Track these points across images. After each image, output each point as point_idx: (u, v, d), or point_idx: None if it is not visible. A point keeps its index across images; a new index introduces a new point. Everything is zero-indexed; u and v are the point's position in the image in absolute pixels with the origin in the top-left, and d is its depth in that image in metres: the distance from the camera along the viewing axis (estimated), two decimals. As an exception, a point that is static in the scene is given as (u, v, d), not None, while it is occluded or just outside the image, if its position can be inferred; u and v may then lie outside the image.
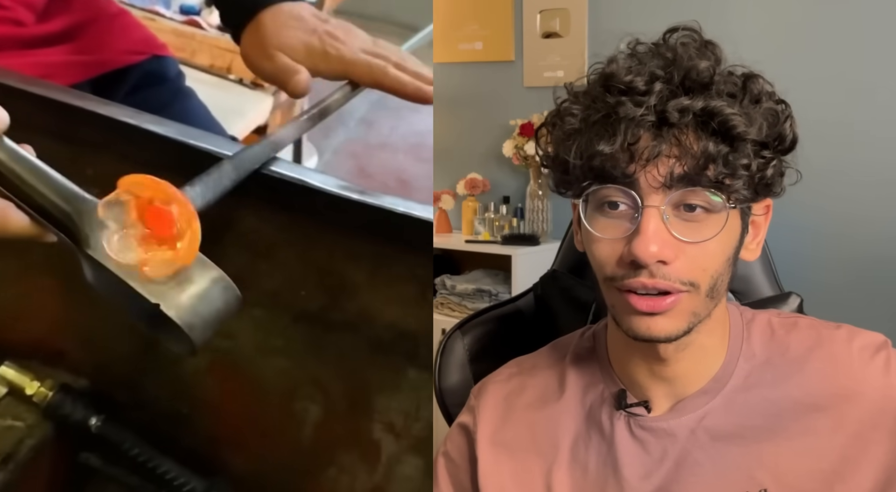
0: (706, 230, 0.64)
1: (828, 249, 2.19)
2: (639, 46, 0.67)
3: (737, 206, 0.64)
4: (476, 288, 2.62)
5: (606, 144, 0.63)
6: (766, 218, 0.71)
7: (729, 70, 0.66)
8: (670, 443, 0.70)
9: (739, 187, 0.63)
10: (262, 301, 0.80)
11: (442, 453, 0.83)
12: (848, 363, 0.70)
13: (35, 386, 0.86)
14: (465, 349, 1.01)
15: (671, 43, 0.66)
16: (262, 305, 0.80)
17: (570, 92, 0.68)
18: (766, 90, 0.66)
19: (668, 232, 0.63)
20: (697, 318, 0.67)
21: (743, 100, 0.64)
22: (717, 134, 0.62)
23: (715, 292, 0.67)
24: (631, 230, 0.64)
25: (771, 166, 0.65)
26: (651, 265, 0.63)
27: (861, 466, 0.68)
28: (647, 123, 0.62)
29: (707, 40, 0.67)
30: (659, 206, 0.63)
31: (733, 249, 0.67)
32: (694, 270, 0.64)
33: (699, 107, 0.62)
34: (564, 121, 0.67)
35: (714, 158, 0.62)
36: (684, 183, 0.62)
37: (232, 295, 0.58)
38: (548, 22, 2.67)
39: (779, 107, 0.66)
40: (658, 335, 0.66)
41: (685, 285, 0.64)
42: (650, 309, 0.65)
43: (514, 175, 2.77)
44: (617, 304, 0.67)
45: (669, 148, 0.62)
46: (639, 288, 0.64)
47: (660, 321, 0.65)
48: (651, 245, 0.62)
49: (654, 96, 0.62)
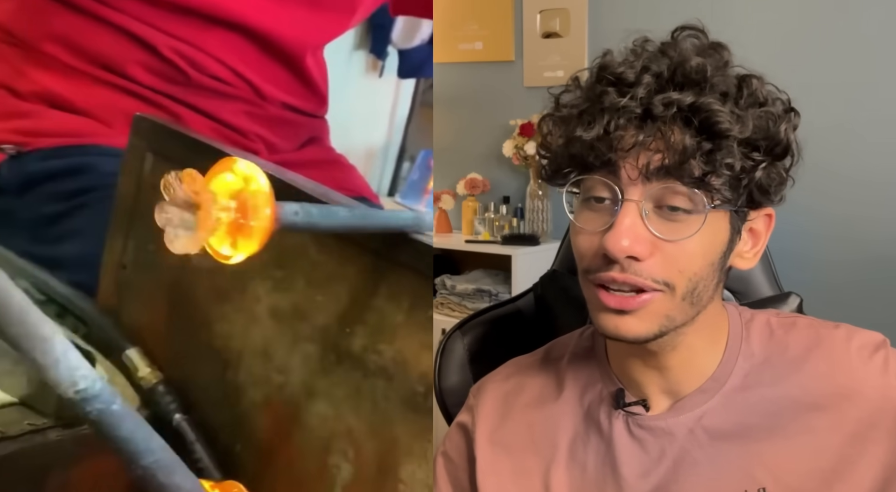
0: (685, 229, 0.63)
1: (827, 249, 2.19)
2: (647, 44, 0.67)
3: (718, 207, 0.64)
4: (476, 288, 2.62)
5: (585, 130, 0.63)
6: (766, 227, 0.70)
7: (727, 71, 0.65)
8: (669, 442, 0.71)
9: (721, 186, 0.63)
10: (315, 336, 0.79)
11: (441, 452, 0.83)
12: (847, 363, 0.70)
13: (147, 371, 0.92)
14: (465, 349, 1.01)
15: (677, 42, 0.66)
16: (314, 341, 0.79)
17: (572, 82, 0.69)
18: (770, 95, 0.66)
19: (645, 228, 0.63)
20: (672, 323, 0.66)
21: (738, 100, 0.63)
22: (700, 130, 0.62)
23: (695, 297, 0.66)
24: (609, 223, 0.64)
25: (761, 169, 0.64)
26: (622, 260, 0.63)
27: (860, 465, 0.68)
28: (631, 113, 0.62)
29: (714, 41, 0.67)
30: (638, 200, 0.63)
31: (718, 254, 0.66)
32: (669, 270, 0.64)
33: (687, 102, 0.61)
34: (558, 110, 0.68)
35: (694, 153, 0.61)
36: (663, 176, 0.62)
37: None
38: (548, 22, 2.67)
39: (780, 113, 0.65)
40: (626, 335, 0.66)
41: (658, 284, 0.64)
42: (618, 306, 0.64)
43: (514, 175, 2.77)
44: (590, 299, 0.68)
45: (652, 140, 0.62)
46: (610, 283, 0.64)
47: (629, 321, 0.65)
48: (623, 239, 0.62)
49: (642, 88, 0.62)
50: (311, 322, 0.79)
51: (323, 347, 0.79)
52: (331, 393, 0.80)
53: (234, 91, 1.16)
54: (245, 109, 1.19)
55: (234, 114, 1.17)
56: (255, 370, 0.86)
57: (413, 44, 2.01)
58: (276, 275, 0.82)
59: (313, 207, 0.62)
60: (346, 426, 0.79)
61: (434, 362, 1.00)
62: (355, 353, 0.77)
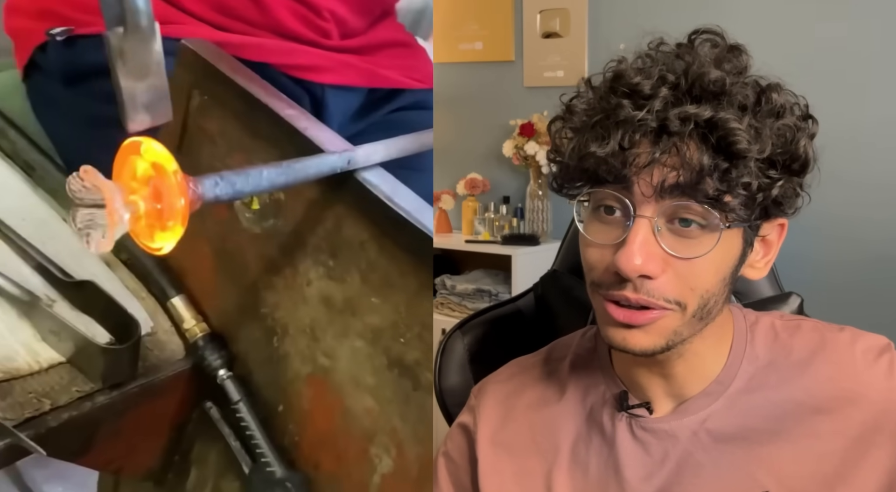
0: (698, 247, 0.62)
1: (828, 249, 2.19)
2: (662, 46, 0.65)
3: (733, 225, 0.62)
4: (476, 288, 2.62)
5: (599, 146, 0.61)
6: (779, 236, 0.69)
7: (745, 80, 0.63)
8: (672, 444, 0.70)
9: (736, 206, 0.61)
10: (365, 334, 0.80)
11: (442, 452, 0.82)
12: (851, 366, 0.70)
13: (193, 323, 0.94)
14: (466, 349, 1.01)
15: (695, 45, 0.64)
16: (365, 339, 0.81)
17: (586, 85, 0.67)
18: (788, 104, 0.64)
19: (658, 244, 0.62)
20: (680, 337, 0.65)
21: (757, 113, 0.62)
22: (716, 148, 0.60)
23: (705, 313, 0.65)
24: (621, 238, 0.63)
25: (777, 186, 0.62)
26: (634, 279, 0.62)
27: (863, 469, 0.67)
28: (646, 128, 0.60)
29: (732, 44, 0.65)
30: (651, 217, 0.62)
31: (730, 268, 0.65)
32: (681, 289, 0.63)
33: (704, 117, 0.60)
34: (571, 117, 0.66)
35: (710, 172, 0.60)
36: (678, 194, 0.61)
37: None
38: (548, 22, 2.67)
39: (800, 123, 0.64)
40: (633, 348, 0.65)
41: (670, 304, 0.63)
42: (627, 320, 0.64)
43: (514, 175, 2.77)
44: (599, 310, 0.67)
45: (667, 156, 0.60)
46: (621, 300, 0.63)
47: (636, 335, 0.64)
48: (636, 258, 0.61)
49: (659, 101, 0.60)
50: (363, 320, 0.80)
51: (373, 348, 0.80)
52: (378, 392, 0.81)
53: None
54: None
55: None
56: (300, 347, 0.87)
57: None
58: (329, 263, 0.82)
59: (234, 174, 0.63)
60: (392, 426, 0.80)
61: (434, 362, 0.99)
62: (407, 364, 0.77)
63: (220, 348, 0.94)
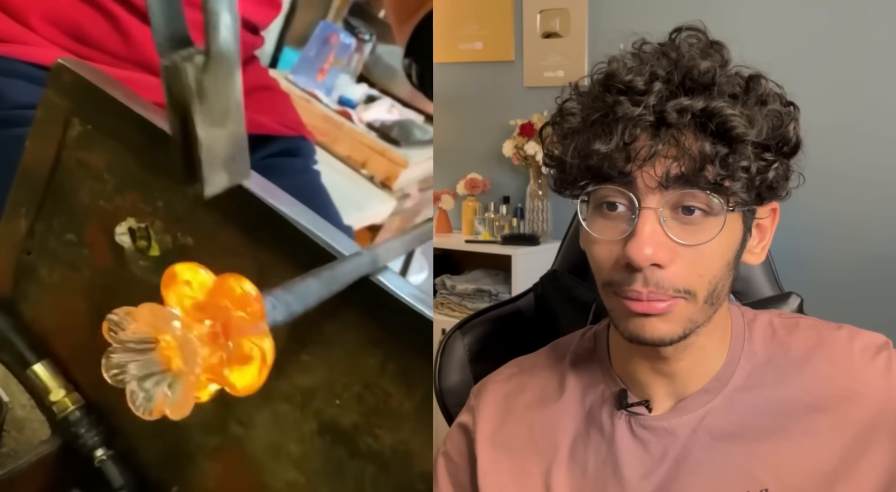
0: (703, 233, 0.64)
1: (828, 249, 2.19)
2: (644, 46, 0.67)
3: (735, 209, 0.64)
4: (476, 288, 2.62)
5: (603, 143, 0.63)
6: (772, 221, 0.71)
7: (735, 71, 0.65)
8: (671, 442, 0.70)
9: (738, 190, 0.63)
10: (293, 397, 0.70)
11: (442, 452, 0.83)
12: (849, 364, 0.70)
13: (62, 393, 0.79)
14: (466, 349, 1.01)
15: (677, 43, 0.66)
16: (291, 402, 0.70)
17: (573, 91, 0.68)
18: (772, 91, 0.66)
19: (665, 234, 0.63)
20: (694, 324, 0.67)
21: (746, 101, 0.64)
22: (715, 135, 0.62)
23: (714, 298, 0.66)
24: (627, 232, 0.64)
25: (773, 169, 0.64)
26: (646, 269, 0.63)
27: (862, 466, 0.68)
28: (644, 122, 0.62)
29: (713, 40, 0.67)
30: (656, 208, 0.63)
31: (734, 253, 0.67)
32: (690, 277, 0.64)
33: (699, 107, 0.61)
34: (565, 120, 0.67)
35: (712, 159, 0.61)
36: (681, 184, 0.62)
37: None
38: (548, 22, 2.67)
39: (784, 109, 0.66)
40: (653, 338, 0.66)
41: (680, 293, 0.64)
42: (644, 310, 0.65)
43: (514, 175, 2.77)
44: (615, 308, 0.68)
45: (667, 148, 0.62)
46: (633, 295, 0.65)
47: (656, 324, 0.65)
48: (646, 248, 0.62)
49: (654, 96, 0.62)
50: (290, 380, 0.69)
51: (301, 412, 0.70)
52: (304, 463, 0.71)
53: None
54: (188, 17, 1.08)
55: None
56: (207, 414, 0.73)
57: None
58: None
59: (287, 294, 0.53)
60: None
61: (434, 362, 0.99)
62: (344, 428, 0.68)
63: (97, 423, 0.79)
